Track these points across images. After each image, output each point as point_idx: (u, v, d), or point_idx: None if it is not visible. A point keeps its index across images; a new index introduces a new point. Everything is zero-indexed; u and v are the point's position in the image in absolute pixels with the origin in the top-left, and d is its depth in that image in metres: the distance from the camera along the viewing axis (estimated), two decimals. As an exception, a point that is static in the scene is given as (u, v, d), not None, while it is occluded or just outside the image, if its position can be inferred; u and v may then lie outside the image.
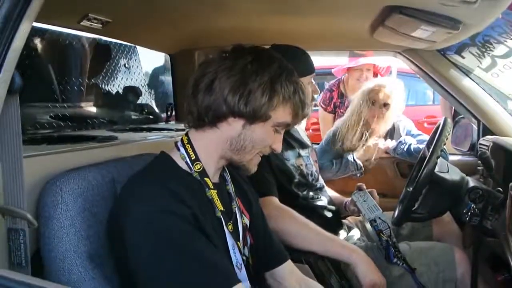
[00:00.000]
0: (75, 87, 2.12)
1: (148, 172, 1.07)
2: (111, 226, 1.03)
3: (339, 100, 3.34)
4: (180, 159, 1.09)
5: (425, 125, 4.28)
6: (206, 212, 1.06)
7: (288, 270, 1.29)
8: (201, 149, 1.10)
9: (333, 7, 1.57)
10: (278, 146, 1.15)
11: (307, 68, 1.71)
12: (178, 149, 1.10)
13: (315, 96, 1.76)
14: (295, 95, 1.09)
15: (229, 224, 1.10)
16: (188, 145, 1.10)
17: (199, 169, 1.08)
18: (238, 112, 1.05)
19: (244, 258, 1.13)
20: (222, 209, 1.10)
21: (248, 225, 1.19)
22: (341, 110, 3.25)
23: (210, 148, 1.10)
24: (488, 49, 2.05)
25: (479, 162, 1.93)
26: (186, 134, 1.13)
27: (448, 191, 1.58)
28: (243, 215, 1.18)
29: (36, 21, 0.87)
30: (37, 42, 1.96)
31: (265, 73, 1.05)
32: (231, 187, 1.19)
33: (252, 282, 1.12)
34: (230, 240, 1.09)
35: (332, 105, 3.37)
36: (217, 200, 1.09)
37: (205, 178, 1.09)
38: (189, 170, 1.08)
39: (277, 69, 1.07)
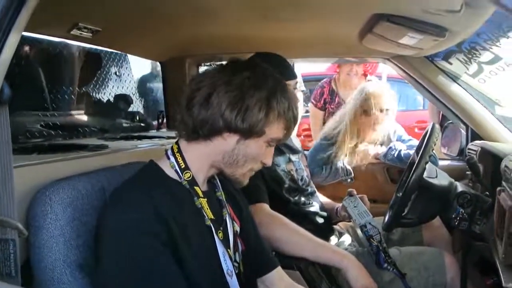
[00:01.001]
0: (66, 96, 2.11)
1: (133, 182, 1.07)
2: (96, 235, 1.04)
3: (329, 96, 3.36)
4: (169, 167, 1.09)
5: (416, 130, 4.32)
6: (195, 221, 1.07)
7: (278, 276, 1.30)
8: (191, 159, 1.10)
9: (322, 15, 1.59)
10: (268, 161, 1.15)
11: (291, 73, 1.73)
12: (168, 158, 1.11)
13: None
14: (289, 111, 1.10)
15: (219, 232, 1.10)
16: (178, 154, 1.10)
17: (188, 177, 1.08)
18: (235, 128, 1.06)
19: (235, 265, 1.13)
20: (212, 217, 1.10)
21: (238, 231, 1.19)
22: (331, 106, 3.26)
23: (201, 159, 1.11)
24: (474, 55, 2.08)
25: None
26: (177, 143, 1.13)
27: (437, 196, 1.60)
28: (234, 222, 1.18)
29: (25, 30, 0.87)
30: (27, 51, 1.96)
31: (262, 89, 1.06)
32: (221, 194, 1.19)
33: None
34: (220, 248, 1.09)
35: (322, 101, 3.38)
36: (207, 208, 1.10)
37: (195, 187, 1.09)
38: (178, 179, 1.09)
39: (273, 85, 1.08)
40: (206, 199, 1.10)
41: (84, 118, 2.22)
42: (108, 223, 0.98)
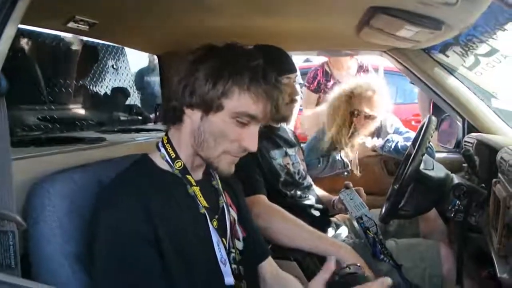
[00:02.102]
0: (63, 89, 2.11)
1: (123, 178, 1.08)
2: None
3: (324, 78, 3.36)
4: (160, 159, 1.11)
5: (413, 123, 4.33)
6: (188, 210, 1.08)
7: (269, 263, 1.32)
8: (178, 147, 1.11)
9: (318, 8, 1.58)
10: (249, 144, 1.07)
11: (291, 67, 1.73)
12: (159, 150, 1.12)
13: (296, 97, 1.78)
14: (252, 81, 1.03)
15: (214, 221, 1.11)
16: (168, 145, 1.11)
17: (180, 166, 1.10)
18: (188, 103, 1.06)
19: (234, 251, 1.14)
20: (206, 205, 1.11)
21: (236, 218, 1.20)
22: (327, 88, 3.25)
23: (183, 145, 1.11)
24: (471, 48, 2.08)
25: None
26: (166, 134, 1.14)
27: (433, 188, 1.61)
28: (231, 209, 1.19)
29: (21, 23, 0.87)
30: (24, 43, 1.95)
31: (214, 60, 1.04)
32: (217, 183, 1.20)
33: (238, 278, 1.13)
34: (215, 237, 1.10)
35: (316, 83, 3.39)
36: (200, 196, 1.10)
37: (187, 176, 1.10)
38: (170, 169, 1.10)
39: (230, 56, 1.06)
40: (199, 188, 1.11)
41: (82, 111, 2.22)
42: (99, 224, 0.99)
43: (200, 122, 1.07)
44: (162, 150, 1.11)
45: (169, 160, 1.10)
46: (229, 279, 1.11)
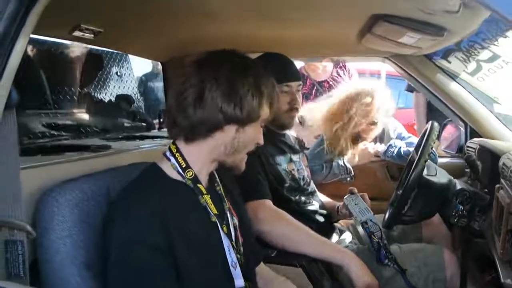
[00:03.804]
0: (68, 96, 2.13)
1: (136, 188, 1.09)
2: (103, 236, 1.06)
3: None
4: (170, 168, 1.11)
5: (415, 127, 4.32)
6: (200, 218, 1.10)
7: (261, 266, 1.36)
8: (192, 157, 1.11)
9: (321, 15, 1.60)
10: (261, 140, 1.18)
11: (289, 75, 1.75)
12: (168, 159, 1.12)
13: (296, 106, 1.79)
14: (273, 90, 1.14)
15: (224, 226, 1.14)
16: (178, 154, 1.11)
17: (191, 176, 1.10)
18: (235, 119, 1.08)
19: (238, 256, 1.16)
20: (216, 212, 1.13)
21: (237, 224, 1.22)
22: (304, 90, 3.23)
23: (203, 156, 1.12)
24: (473, 54, 2.09)
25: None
26: (174, 143, 1.14)
27: (436, 194, 1.62)
28: (233, 215, 1.21)
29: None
30: (29, 51, 1.97)
31: (247, 76, 1.09)
32: (220, 188, 1.21)
33: (245, 279, 1.15)
34: (226, 242, 1.13)
35: None
36: (211, 204, 1.12)
37: (198, 185, 1.11)
38: (181, 179, 1.11)
39: (255, 70, 1.12)
40: (209, 196, 1.12)
41: (86, 118, 2.23)
42: (113, 235, 1.01)
43: (235, 134, 1.11)
44: (172, 159, 1.11)
45: (180, 170, 1.10)
46: (239, 282, 1.13)
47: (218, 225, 1.12)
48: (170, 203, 1.04)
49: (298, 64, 3.48)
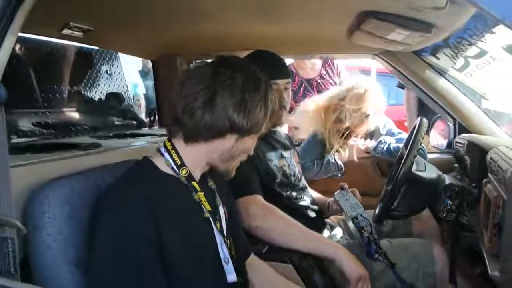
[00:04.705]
0: (57, 95, 2.12)
1: (127, 180, 1.09)
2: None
3: None
4: (164, 164, 1.11)
5: (406, 124, 4.35)
6: (193, 214, 1.10)
7: (252, 259, 1.37)
8: (188, 157, 1.12)
9: (310, 13, 1.61)
10: (252, 151, 1.21)
11: (276, 73, 1.75)
12: (162, 155, 1.12)
13: (284, 104, 1.79)
14: (275, 105, 1.17)
15: (217, 222, 1.15)
16: (173, 151, 1.12)
17: (185, 173, 1.11)
18: (240, 129, 1.10)
19: (230, 251, 1.17)
20: (210, 209, 1.14)
21: (227, 218, 1.22)
22: (293, 86, 3.25)
23: (199, 158, 1.13)
24: (461, 50, 2.11)
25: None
26: (169, 140, 1.14)
27: (426, 189, 1.64)
28: (223, 208, 1.22)
29: (17, 31, 0.88)
30: (18, 49, 1.95)
31: (259, 90, 1.11)
32: (213, 183, 1.22)
33: (237, 274, 1.16)
34: (218, 238, 1.13)
35: None
36: (204, 201, 1.13)
37: (192, 182, 1.12)
38: (175, 175, 1.11)
39: (265, 84, 1.13)
40: (203, 193, 1.13)
41: (76, 116, 2.22)
42: (100, 227, 1.00)
43: (234, 143, 1.12)
44: (167, 156, 1.12)
45: (174, 167, 1.11)
46: (232, 277, 1.14)
47: (211, 221, 1.12)
48: (161, 194, 1.04)
49: (288, 61, 3.50)
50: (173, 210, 1.05)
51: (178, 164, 1.11)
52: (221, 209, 1.20)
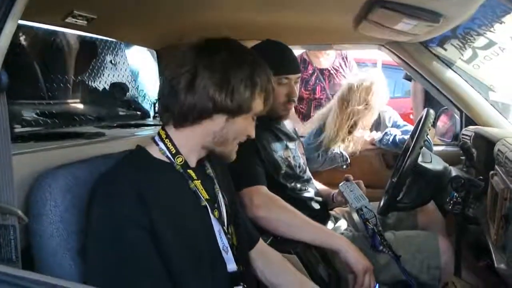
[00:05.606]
0: (62, 84, 2.11)
1: (118, 168, 1.08)
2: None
3: (302, 65, 3.35)
4: (159, 153, 1.11)
5: (411, 116, 4.32)
6: (189, 203, 1.09)
7: (260, 252, 1.36)
8: (182, 143, 1.11)
9: (316, 2, 1.59)
10: (253, 133, 1.19)
11: (289, 68, 1.73)
12: (157, 144, 1.12)
13: (294, 98, 1.78)
14: (268, 83, 1.14)
15: (215, 211, 1.13)
16: (167, 140, 1.11)
17: (181, 162, 1.10)
18: (225, 108, 1.08)
19: (229, 237, 1.16)
20: (207, 197, 1.12)
21: (227, 204, 1.21)
22: (305, 74, 3.23)
23: (192, 142, 1.12)
24: (469, 41, 2.08)
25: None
26: (163, 129, 1.14)
27: (431, 181, 1.62)
28: (223, 195, 1.21)
29: (20, 18, 0.87)
30: (22, 39, 1.95)
31: (244, 67, 1.09)
32: (211, 171, 1.21)
33: (237, 263, 1.15)
34: (216, 226, 1.12)
35: None
36: (201, 189, 1.12)
37: (188, 170, 1.11)
38: (170, 162, 1.10)
39: (252, 61, 1.11)
40: (200, 181, 1.12)
41: (81, 106, 2.22)
42: (93, 210, 1.00)
43: (225, 124, 1.10)
44: (161, 145, 1.11)
45: (169, 155, 1.10)
46: (232, 266, 1.13)
47: (209, 209, 1.11)
48: (154, 181, 1.04)
49: (297, 52, 3.48)
50: (165, 196, 1.04)
51: (173, 152, 1.10)
52: (220, 197, 1.19)
